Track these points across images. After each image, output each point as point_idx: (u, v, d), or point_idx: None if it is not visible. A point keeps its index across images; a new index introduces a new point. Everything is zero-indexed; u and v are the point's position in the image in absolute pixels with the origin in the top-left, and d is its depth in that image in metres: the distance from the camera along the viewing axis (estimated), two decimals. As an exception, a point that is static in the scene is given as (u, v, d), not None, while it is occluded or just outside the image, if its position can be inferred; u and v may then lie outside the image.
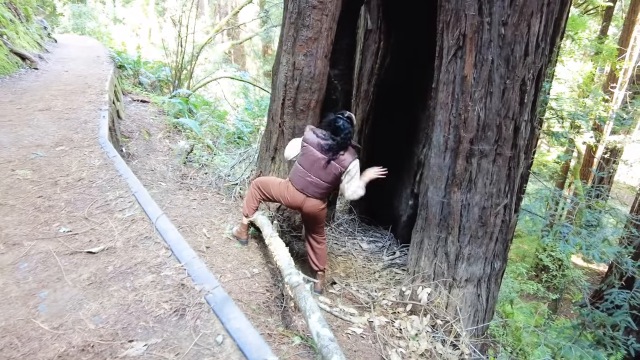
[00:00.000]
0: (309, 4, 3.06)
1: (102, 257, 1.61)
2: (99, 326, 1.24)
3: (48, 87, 5.41)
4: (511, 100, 2.62)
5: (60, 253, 1.64)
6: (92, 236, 1.77)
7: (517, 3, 2.42)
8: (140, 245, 1.71)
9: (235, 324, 1.21)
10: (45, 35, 10.48)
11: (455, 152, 2.82)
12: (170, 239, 1.68)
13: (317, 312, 2.01)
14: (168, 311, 1.29)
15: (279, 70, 3.47)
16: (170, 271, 1.51)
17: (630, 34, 11.18)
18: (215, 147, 6.44)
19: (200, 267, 1.49)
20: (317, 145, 2.93)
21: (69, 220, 1.90)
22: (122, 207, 2.05)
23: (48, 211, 1.99)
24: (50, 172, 2.48)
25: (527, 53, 2.54)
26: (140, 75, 8.29)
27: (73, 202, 2.09)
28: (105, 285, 1.44)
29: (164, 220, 1.84)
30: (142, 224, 1.88)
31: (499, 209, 2.97)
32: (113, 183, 2.34)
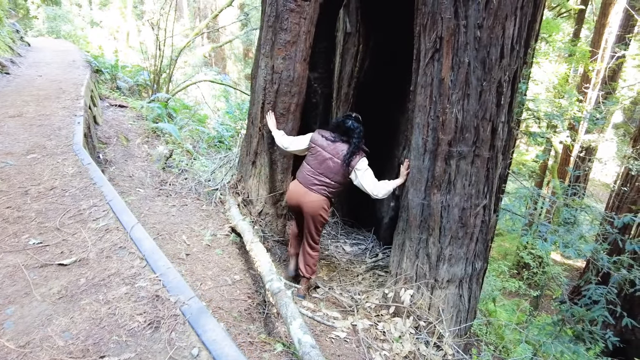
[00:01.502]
0: (286, 7, 3.04)
1: (74, 269, 1.55)
2: (68, 342, 1.19)
3: (20, 92, 5.24)
4: (488, 102, 2.66)
5: (29, 266, 1.57)
6: (64, 247, 1.71)
7: (491, 6, 2.46)
8: (114, 255, 1.65)
9: (211, 336, 1.18)
10: (18, 39, 10.16)
11: (434, 154, 2.85)
12: (145, 249, 1.64)
13: (299, 319, 1.99)
14: (142, 324, 1.25)
15: (258, 74, 3.44)
16: (145, 282, 1.47)
17: (601, 36, 11.55)
18: (196, 152, 6.35)
19: (175, 278, 1.45)
20: (327, 147, 3.04)
21: (39, 232, 1.83)
22: (96, 216, 1.99)
23: (17, 222, 1.91)
24: (21, 181, 2.39)
25: (503, 55, 2.59)
26: (118, 79, 8.12)
27: (44, 212, 2.02)
28: (77, 298, 1.39)
29: (139, 229, 1.79)
30: (117, 233, 1.83)
31: (478, 210, 3.01)
32: (87, 191, 2.27)
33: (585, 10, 12.00)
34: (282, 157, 3.75)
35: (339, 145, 3.03)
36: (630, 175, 8.14)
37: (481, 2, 2.44)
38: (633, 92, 14.58)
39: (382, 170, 4.42)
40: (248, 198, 4.01)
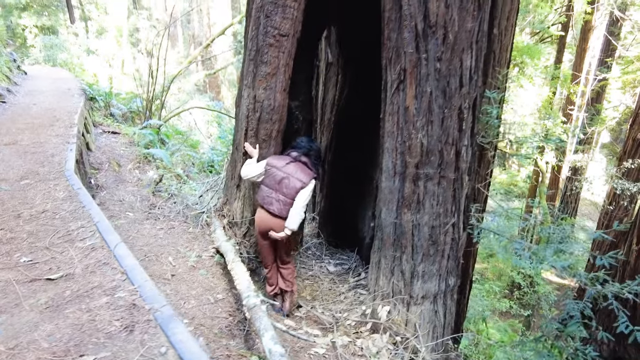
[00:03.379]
0: (266, 42, 3.33)
1: (61, 283, 1.74)
2: (52, 344, 1.36)
3: (15, 120, 5.49)
4: (450, 128, 2.92)
5: (20, 281, 1.76)
6: (53, 264, 1.90)
7: (448, 41, 2.74)
8: (98, 270, 1.85)
9: (178, 337, 1.36)
10: (15, 68, 10.53)
11: (403, 176, 3.08)
12: (127, 264, 1.83)
13: (270, 331, 2.16)
14: (118, 328, 1.43)
15: (241, 103, 3.71)
16: (124, 293, 1.65)
17: (583, 60, 12.08)
18: (186, 176, 6.57)
19: (151, 289, 1.64)
20: (282, 167, 3.30)
21: (30, 251, 2.02)
22: (84, 236, 2.19)
23: (10, 242, 2.10)
24: (14, 205, 2.59)
25: (462, 84, 2.86)
26: (112, 107, 8.42)
27: (35, 233, 2.22)
28: (62, 308, 1.57)
29: (122, 247, 1.99)
30: (102, 251, 2.02)
31: (447, 228, 3.22)
32: (76, 214, 2.48)
33: (566, 36, 12.57)
34: (266, 180, 3.97)
35: (296, 165, 3.30)
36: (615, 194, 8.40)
37: (439, 38, 2.73)
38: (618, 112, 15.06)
39: (363, 192, 4.65)
40: (233, 220, 4.20)
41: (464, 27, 2.71)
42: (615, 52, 12.55)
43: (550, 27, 13.39)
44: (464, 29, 2.71)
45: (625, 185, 7.98)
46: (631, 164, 7.89)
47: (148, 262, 3.55)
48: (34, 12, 17.72)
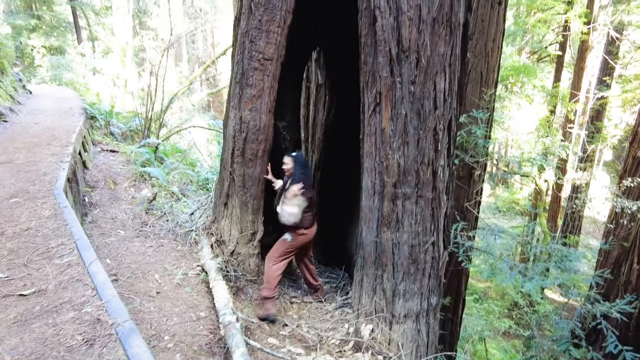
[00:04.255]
0: (251, 66, 3.48)
1: (32, 299, 1.82)
2: (14, 358, 1.44)
3: (14, 139, 5.66)
4: (426, 148, 3.00)
5: (-6, 296, 1.85)
6: (27, 280, 1.99)
7: (421, 65, 2.86)
8: (70, 287, 1.93)
9: (135, 350, 1.43)
10: (20, 87, 10.85)
11: (382, 195, 3.16)
12: (98, 281, 1.91)
13: (242, 348, 2.22)
14: (80, 342, 1.50)
15: (228, 124, 3.84)
16: (91, 308, 1.73)
17: (581, 79, 12.20)
18: (182, 194, 6.68)
19: (117, 304, 1.72)
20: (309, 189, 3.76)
21: (8, 267, 2.11)
22: (62, 253, 2.28)
23: (-10, 259, 2.20)
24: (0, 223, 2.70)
25: (436, 106, 2.96)
26: (112, 125, 8.63)
27: (16, 250, 2.31)
28: (29, 323, 1.65)
29: (97, 264, 2.07)
30: (77, 268, 2.11)
31: (427, 247, 3.27)
32: (58, 232, 2.57)
33: (564, 55, 12.74)
34: (253, 199, 4.06)
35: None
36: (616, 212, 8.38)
37: (412, 62, 2.84)
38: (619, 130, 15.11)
39: (351, 210, 4.72)
40: (221, 238, 4.28)
41: (437, 52, 2.83)
42: (614, 71, 12.69)
43: (548, 47, 13.61)
44: (437, 53, 2.83)
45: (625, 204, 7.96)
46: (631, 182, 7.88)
47: (134, 280, 3.62)
48: (43, 32, 18.32)
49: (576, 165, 12.74)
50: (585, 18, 11.29)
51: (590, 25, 11.38)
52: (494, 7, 4.97)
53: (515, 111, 10.68)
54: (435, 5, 2.72)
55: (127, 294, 3.14)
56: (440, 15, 2.75)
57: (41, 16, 18.26)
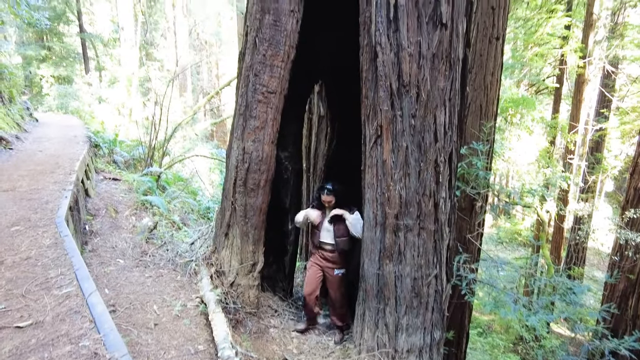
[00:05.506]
0: (255, 98, 3.56)
1: (29, 331, 1.80)
2: (9, 393, 1.40)
3: (18, 167, 5.71)
4: (427, 180, 3.03)
5: (-10, 328, 1.82)
6: (25, 312, 1.97)
7: (422, 99, 2.92)
8: (68, 319, 1.90)
9: (132, 387, 1.40)
10: (27, 115, 11.04)
11: (384, 226, 3.15)
12: (96, 313, 1.89)
13: (240, 384, 2.16)
14: (76, 378, 1.47)
15: (231, 154, 3.88)
16: (89, 342, 1.70)
17: (579, 111, 12.39)
18: (183, 224, 6.67)
19: (115, 338, 1.69)
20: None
21: (5, 298, 2.09)
22: (61, 284, 2.26)
23: (-12, 290, 2.18)
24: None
25: (437, 139, 3.01)
26: (115, 154, 8.72)
27: (15, 280, 2.29)
28: (25, 356, 1.62)
29: (96, 295, 2.05)
30: (76, 299, 2.09)
31: (430, 279, 3.24)
32: (58, 261, 2.56)
33: (561, 88, 13.00)
34: (254, 229, 4.05)
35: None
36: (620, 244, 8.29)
37: (413, 96, 2.91)
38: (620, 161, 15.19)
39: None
40: (221, 269, 4.24)
41: (437, 86, 2.90)
42: (611, 103, 12.92)
43: (546, 80, 13.91)
44: (437, 87, 2.90)
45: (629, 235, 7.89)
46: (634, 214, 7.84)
47: (132, 311, 3.56)
48: (52, 63, 18.84)
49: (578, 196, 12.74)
50: (581, 52, 11.61)
51: (586, 60, 11.67)
52: (491, 42, 5.12)
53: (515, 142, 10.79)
54: (435, 41, 2.81)
55: (125, 326, 3.09)
56: (439, 51, 2.84)
57: (51, 47, 18.82)
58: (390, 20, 2.78)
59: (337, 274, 4.17)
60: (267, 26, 3.35)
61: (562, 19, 12.16)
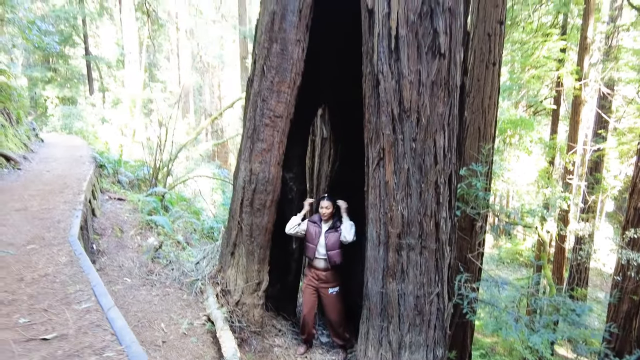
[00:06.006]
0: (262, 122, 3.75)
1: (55, 343, 1.92)
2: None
3: (27, 187, 5.87)
4: (428, 201, 3.18)
5: (17, 341, 1.94)
6: (49, 325, 2.09)
7: (422, 124, 3.10)
8: (90, 332, 2.02)
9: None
10: (33, 136, 11.28)
11: (387, 245, 3.29)
12: (117, 327, 2.01)
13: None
14: (102, 386, 1.58)
15: (239, 175, 4.05)
16: (112, 353, 1.82)
17: (577, 132, 12.63)
18: (187, 243, 6.78)
19: (137, 350, 1.81)
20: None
21: (29, 312, 2.22)
22: (80, 299, 2.38)
23: (11, 304, 2.31)
24: (18, 269, 2.82)
25: (437, 162, 3.18)
26: (120, 174, 8.90)
27: (36, 295, 2.42)
28: (53, 366, 1.74)
29: (115, 310, 2.18)
30: (96, 314, 2.21)
31: (432, 297, 3.35)
32: (75, 278, 2.69)
33: (559, 109, 13.29)
34: (259, 248, 4.18)
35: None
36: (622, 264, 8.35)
37: (413, 121, 3.09)
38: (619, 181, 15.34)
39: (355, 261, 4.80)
40: (226, 288, 4.34)
41: (436, 111, 3.08)
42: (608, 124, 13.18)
43: (544, 101, 14.23)
44: (436, 113, 3.08)
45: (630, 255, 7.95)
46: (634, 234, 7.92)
47: (141, 328, 3.66)
48: (58, 84, 19.25)
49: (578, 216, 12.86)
50: (577, 75, 11.93)
51: (582, 82, 11.99)
52: (488, 67, 5.37)
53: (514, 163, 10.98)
54: (434, 70, 3.01)
55: (135, 343, 3.18)
56: (438, 79, 3.04)
57: (57, 69, 19.26)
58: (391, 51, 2.99)
59: (332, 292, 4.26)
60: (275, 55, 3.57)
61: (557, 43, 12.56)
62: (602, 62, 12.95)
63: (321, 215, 4.17)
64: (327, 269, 4.22)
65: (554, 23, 13.69)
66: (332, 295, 4.29)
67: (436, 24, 2.94)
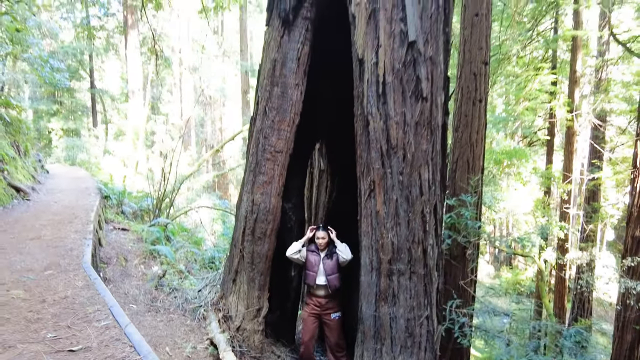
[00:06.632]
0: (264, 157, 4.15)
1: (81, 354, 2.21)
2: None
3: (38, 217, 6.22)
4: (415, 229, 3.51)
5: (47, 352, 2.24)
6: (73, 339, 2.39)
7: (408, 159, 3.48)
8: (111, 345, 2.32)
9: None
10: (39, 167, 11.74)
11: (379, 271, 3.59)
12: (134, 340, 2.31)
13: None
14: (126, 387, 1.87)
15: (241, 206, 4.40)
16: (132, 362, 2.13)
17: (571, 162, 13.04)
18: (188, 272, 7.05)
19: (153, 358, 2.10)
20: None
21: (54, 329, 2.52)
22: (99, 318, 2.69)
23: (37, 322, 2.61)
24: (40, 292, 3.14)
25: (422, 193, 3.53)
26: (124, 205, 9.25)
27: (58, 314, 2.73)
28: (81, 373, 2.03)
29: (132, 327, 2.48)
30: (114, 330, 2.51)
31: (422, 320, 3.62)
32: (93, 300, 3.00)
33: (553, 139, 13.78)
34: (260, 275, 4.47)
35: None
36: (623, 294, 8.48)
37: (400, 156, 3.47)
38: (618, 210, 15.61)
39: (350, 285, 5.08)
40: (228, 314, 4.60)
41: (420, 148, 3.47)
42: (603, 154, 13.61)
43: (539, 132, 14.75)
44: (420, 149, 3.47)
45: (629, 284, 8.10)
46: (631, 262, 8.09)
47: (146, 352, 3.91)
48: (62, 117, 19.97)
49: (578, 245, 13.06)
50: (568, 107, 12.48)
51: (574, 113, 12.51)
52: (475, 104, 5.82)
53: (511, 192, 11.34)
54: (417, 111, 3.42)
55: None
56: (421, 120, 3.44)
57: (62, 102, 20.02)
58: (379, 95, 3.42)
59: (335, 317, 4.51)
60: (276, 97, 4.02)
61: (548, 76, 13.18)
62: (593, 94, 13.53)
63: (318, 245, 4.49)
64: (328, 295, 4.49)
65: (544, 58, 14.40)
66: (335, 320, 4.54)
67: (419, 72, 3.37)
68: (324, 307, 4.53)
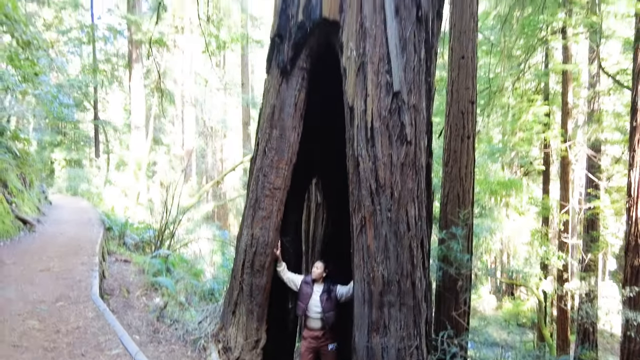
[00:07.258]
0: (263, 193, 4.50)
1: (95, 379, 2.50)
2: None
3: (45, 249, 6.52)
4: (404, 262, 3.82)
5: (66, 378, 2.52)
6: (88, 367, 2.67)
7: (395, 197, 3.83)
8: (122, 371, 2.61)
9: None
10: (43, 199, 12.10)
11: (370, 302, 3.87)
12: (144, 367, 2.59)
13: None
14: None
15: (241, 239, 4.72)
16: (142, 386, 2.40)
17: (567, 192, 13.37)
18: (188, 304, 7.26)
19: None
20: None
21: (70, 357, 2.80)
22: (110, 346, 2.97)
23: (53, 350, 2.89)
24: (54, 322, 3.42)
25: (409, 228, 3.86)
26: (126, 236, 9.55)
27: (72, 343, 3.01)
28: (98, 395, 2.31)
29: (141, 354, 2.76)
30: (125, 358, 2.79)
31: (412, 350, 3.88)
32: (104, 330, 3.28)
33: (548, 169, 14.16)
34: (258, 307, 4.74)
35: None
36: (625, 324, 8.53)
37: (388, 195, 3.82)
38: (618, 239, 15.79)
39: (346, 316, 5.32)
40: (227, 345, 4.83)
41: (406, 187, 3.83)
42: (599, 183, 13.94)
43: (534, 162, 15.16)
44: (406, 188, 3.83)
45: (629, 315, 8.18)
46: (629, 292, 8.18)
47: (149, 382, 4.14)
48: (65, 147, 20.51)
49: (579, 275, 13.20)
50: (562, 137, 12.92)
51: (567, 143, 12.94)
52: (464, 140, 6.23)
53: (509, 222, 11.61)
54: (402, 154, 3.80)
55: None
56: (407, 161, 3.82)
57: (66, 133, 20.62)
58: (368, 139, 3.81)
59: (332, 348, 4.72)
60: (274, 138, 4.41)
61: (541, 107, 13.70)
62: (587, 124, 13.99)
63: (312, 276, 4.72)
64: (324, 328, 4.68)
65: (537, 89, 14.99)
66: (332, 351, 4.73)
67: (403, 118, 3.78)
68: (321, 340, 4.72)
